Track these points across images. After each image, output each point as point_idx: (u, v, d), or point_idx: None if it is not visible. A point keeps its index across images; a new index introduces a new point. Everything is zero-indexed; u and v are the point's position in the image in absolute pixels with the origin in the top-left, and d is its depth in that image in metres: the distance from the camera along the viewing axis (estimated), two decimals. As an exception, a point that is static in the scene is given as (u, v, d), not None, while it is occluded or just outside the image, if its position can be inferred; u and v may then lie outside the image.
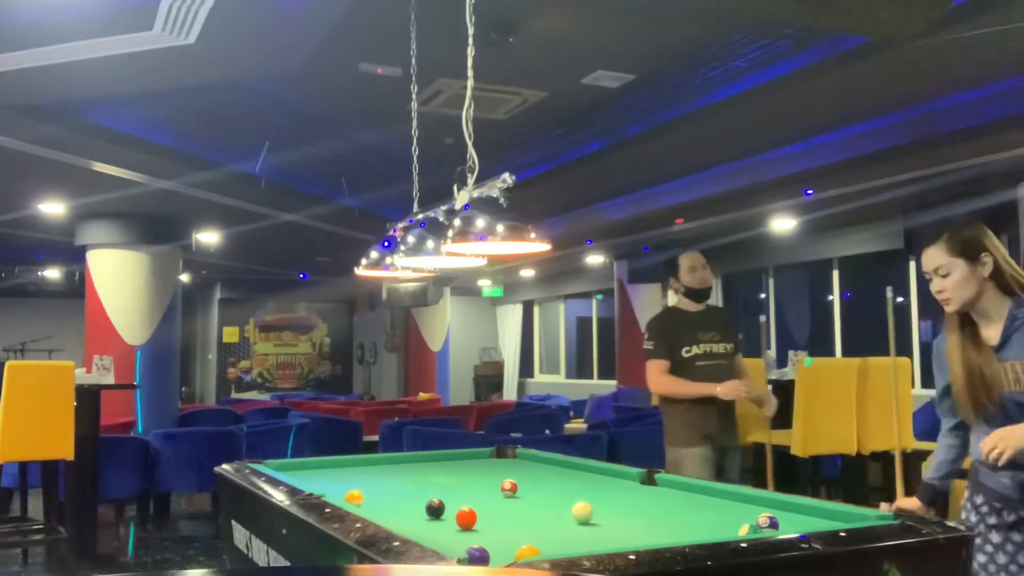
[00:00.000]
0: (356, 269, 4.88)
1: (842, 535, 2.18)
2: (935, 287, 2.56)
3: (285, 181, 9.01)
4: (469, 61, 3.63)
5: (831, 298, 11.16)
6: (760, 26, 5.10)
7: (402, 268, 4.51)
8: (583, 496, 2.79)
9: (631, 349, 12.65)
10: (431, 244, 4.05)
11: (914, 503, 2.63)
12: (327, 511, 2.53)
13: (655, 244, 11.68)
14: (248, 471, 3.43)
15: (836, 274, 11.03)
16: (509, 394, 17.04)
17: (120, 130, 7.02)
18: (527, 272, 15.41)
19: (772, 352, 9.47)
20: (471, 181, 3.51)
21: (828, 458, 6.62)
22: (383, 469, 3.96)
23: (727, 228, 9.90)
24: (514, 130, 7.04)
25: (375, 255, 4.65)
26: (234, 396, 16.41)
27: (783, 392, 5.80)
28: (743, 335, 5.09)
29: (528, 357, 17.71)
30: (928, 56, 5.29)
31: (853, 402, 6.09)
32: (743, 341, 4.70)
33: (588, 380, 15.70)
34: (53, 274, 14.51)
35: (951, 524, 2.26)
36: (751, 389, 4.20)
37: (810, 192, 8.40)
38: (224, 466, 3.62)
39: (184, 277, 12.27)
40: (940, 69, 5.59)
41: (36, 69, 5.36)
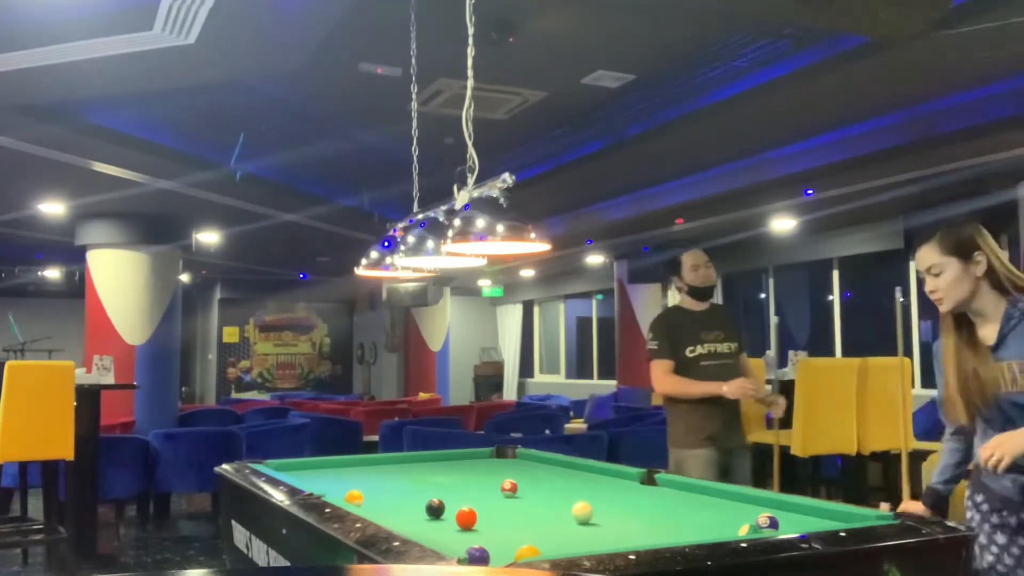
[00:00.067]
0: (356, 269, 4.88)
1: (842, 535, 2.18)
2: (928, 286, 2.55)
3: (285, 181, 9.01)
4: (469, 61, 3.63)
5: (831, 298, 11.16)
6: (760, 26, 5.10)
7: (402, 268, 4.51)
8: (583, 496, 2.79)
9: (631, 349, 12.66)
10: (431, 244, 4.05)
11: (918, 507, 2.60)
12: (327, 511, 2.53)
13: (655, 244, 11.68)
14: (248, 471, 3.43)
15: (836, 274, 11.03)
16: (509, 394, 17.04)
17: (120, 130, 7.02)
18: (527, 272, 15.41)
19: (772, 352, 9.46)
20: (471, 181, 3.51)
21: (828, 458, 6.62)
22: (383, 469, 3.96)
23: (727, 228, 9.90)
24: (514, 130, 7.04)
25: (375, 255, 4.65)
26: (234, 396, 16.41)
27: (783, 392, 5.79)
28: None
29: (528, 357, 17.71)
30: (928, 56, 5.29)
31: (853, 402, 6.09)
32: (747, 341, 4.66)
33: (588, 380, 15.70)
34: (53, 274, 14.51)
35: (951, 524, 2.26)
36: (758, 389, 4.16)
37: (810, 192, 8.40)
38: (224, 466, 3.62)
39: (184, 277, 12.27)
40: (940, 69, 5.59)
41: (36, 69, 5.36)
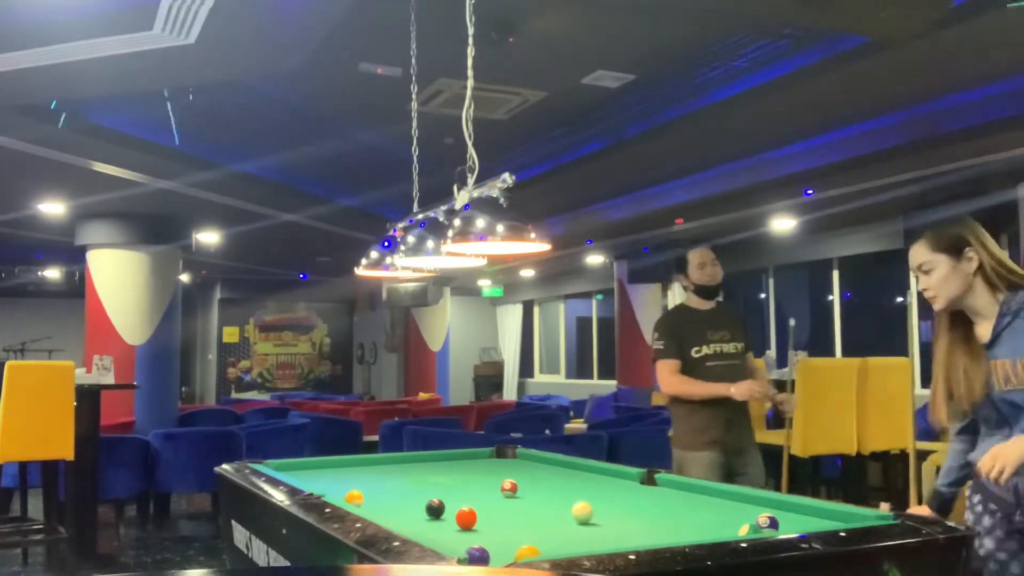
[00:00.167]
0: (356, 269, 4.89)
1: (842, 535, 2.18)
2: (921, 285, 2.53)
3: (285, 181, 9.01)
4: (469, 61, 3.63)
5: (831, 298, 11.16)
6: (760, 26, 5.10)
7: (402, 268, 4.51)
8: (583, 496, 2.79)
9: (631, 349, 12.66)
10: (431, 244, 4.05)
11: (925, 511, 2.57)
12: (327, 511, 2.53)
13: (655, 244, 11.68)
14: (248, 471, 3.43)
15: (836, 274, 11.03)
16: (509, 394, 17.04)
17: (120, 130, 7.02)
18: (527, 272, 15.41)
19: (772, 352, 9.47)
20: (471, 181, 3.51)
21: (828, 458, 6.62)
22: (383, 469, 3.96)
23: (727, 228, 9.90)
24: (514, 130, 7.04)
25: (375, 255, 4.65)
26: (234, 396, 16.41)
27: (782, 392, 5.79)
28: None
29: (528, 357, 17.71)
30: (928, 56, 5.30)
31: (853, 402, 6.09)
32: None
33: (588, 380, 15.70)
34: (53, 274, 14.51)
35: (951, 524, 2.26)
36: (765, 388, 4.11)
37: (810, 192, 8.40)
38: (224, 466, 3.62)
39: (184, 277, 12.27)
40: (940, 69, 5.60)
41: (36, 69, 5.35)
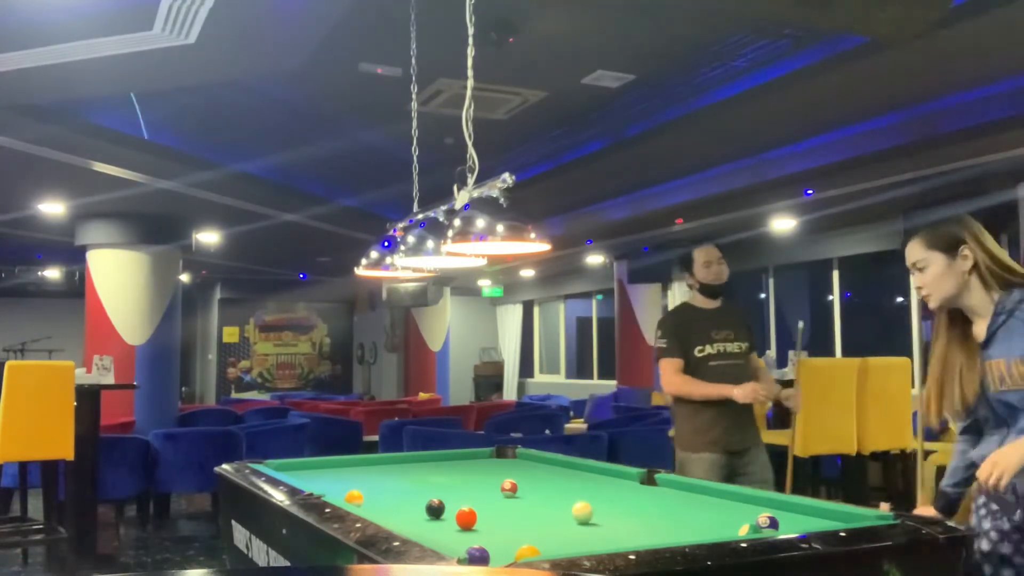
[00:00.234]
0: (356, 269, 4.88)
1: (842, 535, 2.18)
2: (916, 282, 2.52)
3: (285, 181, 9.01)
4: (469, 61, 3.63)
5: (831, 298, 11.16)
6: (760, 26, 5.10)
7: (402, 268, 4.51)
8: (583, 496, 2.79)
9: (631, 349, 12.65)
10: (431, 244, 4.05)
11: (931, 511, 2.54)
12: (327, 511, 2.53)
13: (655, 244, 11.68)
14: (248, 471, 3.43)
15: (836, 274, 11.03)
16: (509, 394, 17.04)
17: (120, 130, 7.02)
18: (527, 272, 15.41)
19: (772, 352, 9.47)
20: (471, 181, 3.51)
21: (828, 458, 6.62)
22: (383, 469, 3.96)
23: (727, 228, 9.90)
24: (514, 130, 7.05)
25: (375, 255, 4.65)
26: (234, 396, 16.41)
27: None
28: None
29: (528, 357, 17.71)
30: (928, 56, 5.30)
31: (853, 402, 6.09)
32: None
33: (588, 380, 15.70)
34: (53, 274, 14.51)
35: (951, 524, 2.26)
36: (769, 391, 4.07)
37: (810, 192, 8.40)
38: (224, 466, 3.62)
39: (184, 277, 12.27)
40: (940, 69, 5.60)
41: (36, 69, 5.35)
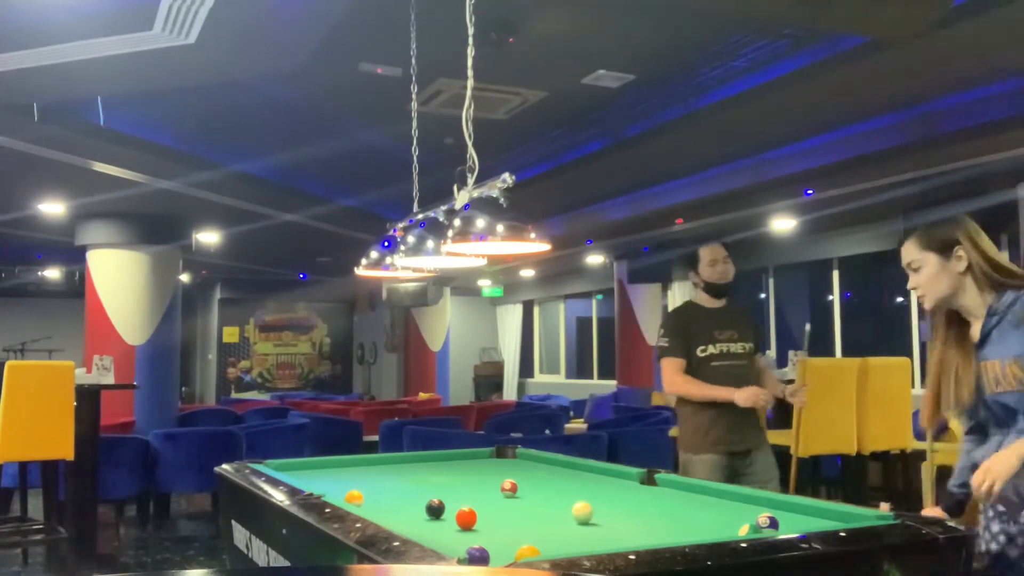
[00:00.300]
0: (356, 269, 4.88)
1: (842, 535, 2.18)
2: (911, 283, 2.51)
3: (285, 181, 9.01)
4: (469, 61, 3.63)
5: (831, 298, 11.16)
6: (760, 26, 5.10)
7: (402, 268, 4.51)
8: (583, 496, 2.78)
9: (631, 349, 12.65)
10: (431, 244, 4.05)
11: (938, 513, 2.52)
12: (327, 511, 2.53)
13: (655, 244, 11.68)
14: (248, 471, 3.43)
15: (836, 274, 11.03)
16: (509, 394, 17.04)
17: (120, 130, 7.02)
18: (527, 272, 15.41)
19: (772, 352, 9.48)
20: (471, 181, 3.51)
21: (828, 458, 6.62)
22: (383, 469, 3.96)
23: (727, 228, 9.91)
24: (514, 130, 7.05)
25: (375, 255, 4.64)
26: (234, 396, 16.41)
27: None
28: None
29: (528, 357, 17.71)
30: (928, 56, 5.30)
31: (853, 402, 6.09)
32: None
33: (588, 380, 15.69)
34: (53, 274, 14.51)
35: (951, 524, 2.26)
36: (770, 396, 4.01)
37: (810, 192, 8.40)
38: (224, 466, 3.62)
39: (184, 277, 12.27)
40: (940, 69, 5.60)
41: (36, 69, 5.35)
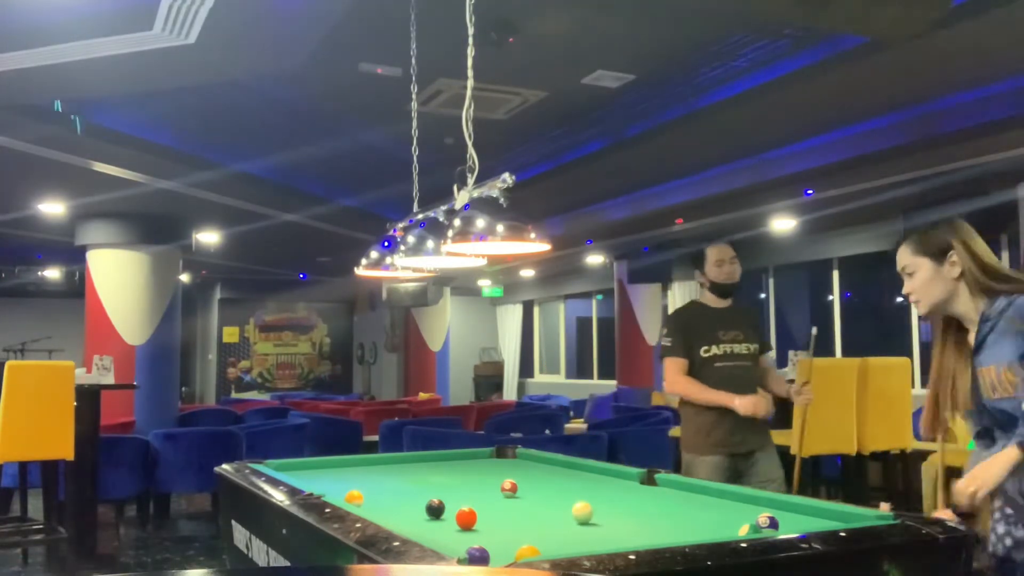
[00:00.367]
0: (356, 269, 4.88)
1: (842, 535, 2.18)
2: (905, 288, 2.49)
3: (285, 181, 9.01)
4: (469, 61, 3.63)
5: (831, 298, 11.16)
6: (760, 26, 5.10)
7: (402, 268, 4.51)
8: (583, 496, 2.79)
9: (631, 349, 12.66)
10: (431, 244, 4.05)
11: (948, 515, 2.45)
12: (327, 511, 2.53)
13: (655, 244, 11.69)
14: (248, 471, 3.43)
15: (836, 274, 11.04)
16: (509, 394, 17.04)
17: (120, 130, 7.02)
18: (527, 272, 15.41)
19: (772, 353, 9.47)
20: (471, 181, 3.51)
21: (828, 458, 6.62)
22: (383, 469, 3.96)
23: (727, 228, 9.91)
24: (514, 130, 7.05)
25: (375, 255, 4.64)
26: (234, 396, 16.41)
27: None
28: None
29: (528, 357, 17.71)
30: (928, 56, 5.30)
31: (853, 402, 6.09)
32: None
33: (588, 380, 15.70)
34: (53, 274, 14.51)
35: (951, 524, 2.26)
36: (771, 405, 3.96)
37: (810, 192, 8.40)
38: (224, 466, 3.62)
39: (184, 277, 12.27)
40: (940, 69, 5.60)
41: (36, 69, 5.36)
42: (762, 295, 12.41)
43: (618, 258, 12.77)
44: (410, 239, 4.18)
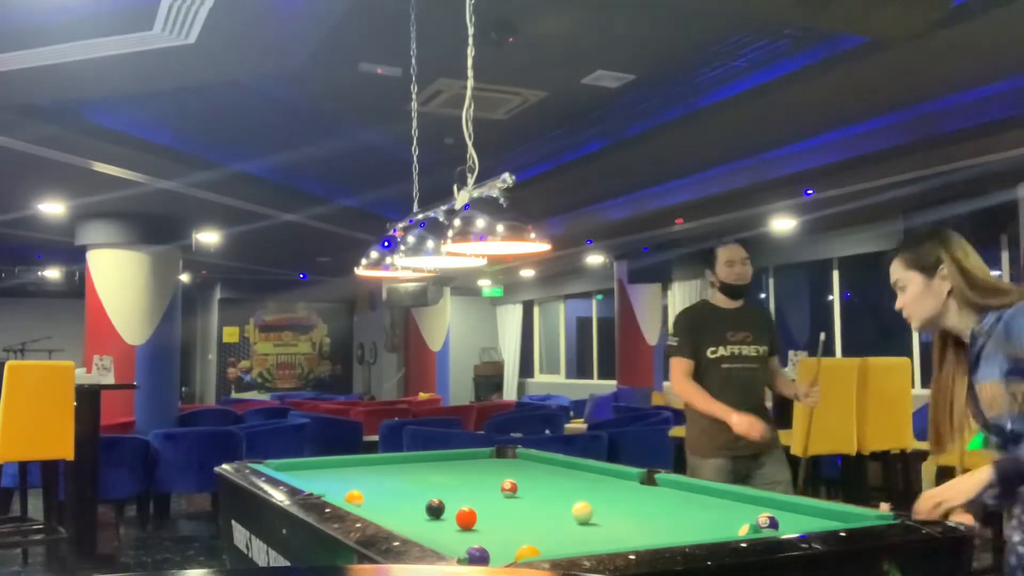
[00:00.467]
0: (356, 269, 4.88)
1: (842, 535, 2.18)
2: (897, 303, 2.40)
3: (285, 181, 9.01)
4: (469, 61, 3.63)
5: (831, 298, 11.16)
6: (760, 26, 5.10)
7: (402, 268, 4.50)
8: (583, 496, 2.79)
9: (631, 349, 12.67)
10: (431, 244, 4.05)
11: (968, 520, 2.33)
12: (327, 511, 2.53)
13: (655, 244, 11.69)
14: (248, 471, 3.43)
15: (836, 274, 11.03)
16: (509, 394, 17.04)
17: (120, 130, 7.02)
18: (527, 272, 15.41)
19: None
20: (471, 181, 3.51)
21: (828, 458, 6.62)
22: (383, 469, 3.96)
23: (727, 228, 9.91)
24: (514, 130, 7.04)
25: (375, 255, 4.64)
26: (234, 396, 16.41)
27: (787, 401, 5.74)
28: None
29: (528, 357, 17.71)
30: (928, 56, 5.30)
31: (853, 402, 6.09)
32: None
33: (588, 380, 15.70)
34: (53, 274, 14.51)
35: (951, 524, 2.25)
36: (765, 429, 3.80)
37: (810, 192, 8.40)
38: (224, 466, 3.62)
39: (184, 277, 12.27)
40: (940, 69, 5.60)
41: (36, 69, 5.36)
42: (762, 295, 12.41)
43: (618, 258, 12.77)
44: (410, 239, 4.18)
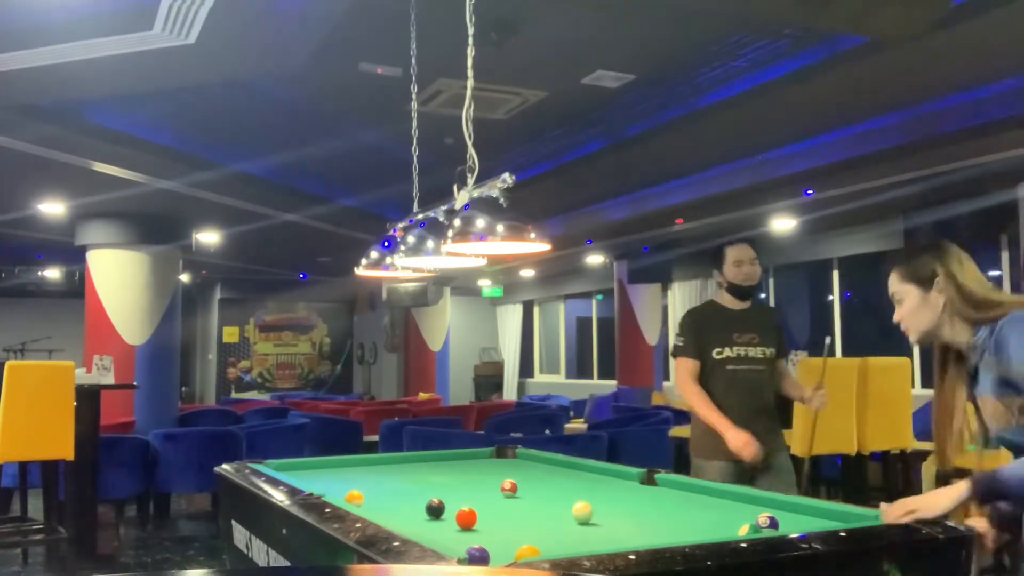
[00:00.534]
0: (356, 269, 4.88)
1: (842, 535, 2.18)
2: (895, 316, 2.39)
3: (285, 181, 9.01)
4: (469, 61, 3.63)
5: (831, 298, 11.16)
6: (760, 26, 5.10)
7: (402, 268, 4.50)
8: (583, 496, 2.79)
9: (631, 349, 12.66)
10: (431, 244, 4.05)
11: (982, 524, 2.29)
12: (327, 511, 2.53)
13: (655, 244, 11.68)
14: (248, 471, 3.43)
15: (836, 274, 11.03)
16: (509, 394, 17.04)
17: (120, 130, 7.02)
18: (527, 272, 15.41)
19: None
20: (471, 181, 3.51)
21: (828, 458, 6.62)
22: (383, 469, 3.96)
23: (727, 228, 9.90)
24: (514, 130, 7.04)
25: (375, 255, 4.64)
26: (234, 396, 16.41)
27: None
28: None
29: (528, 357, 17.71)
30: (928, 56, 5.30)
31: (853, 402, 6.09)
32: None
33: (588, 380, 15.70)
34: (53, 274, 14.52)
35: (951, 524, 2.25)
36: (759, 451, 3.72)
37: (810, 192, 8.40)
38: (224, 466, 3.62)
39: (184, 277, 12.27)
40: (940, 69, 5.60)
41: (36, 69, 5.36)
42: (762, 295, 12.42)
43: (618, 258, 12.77)
44: (410, 239, 4.18)
